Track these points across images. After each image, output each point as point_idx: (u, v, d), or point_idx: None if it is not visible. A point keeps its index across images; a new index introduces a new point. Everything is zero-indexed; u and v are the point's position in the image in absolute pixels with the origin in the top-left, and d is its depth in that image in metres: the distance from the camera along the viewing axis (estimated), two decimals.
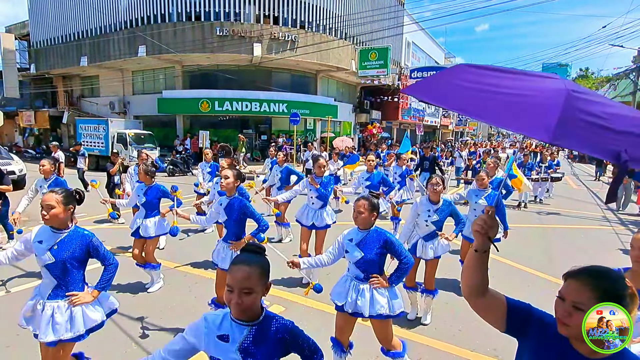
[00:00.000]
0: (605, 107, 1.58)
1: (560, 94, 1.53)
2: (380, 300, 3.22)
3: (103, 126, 20.94)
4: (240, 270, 1.68)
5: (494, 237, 1.64)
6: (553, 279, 6.17)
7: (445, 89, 1.71)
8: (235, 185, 4.21)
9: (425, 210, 4.61)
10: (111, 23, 24.01)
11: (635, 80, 29.19)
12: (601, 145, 1.46)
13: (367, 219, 3.22)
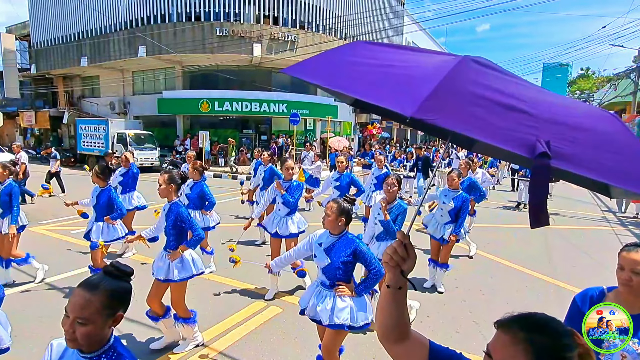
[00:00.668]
0: (527, 90, 1.28)
1: (450, 63, 1.22)
2: (342, 311, 3.02)
3: (103, 126, 20.98)
4: (78, 295, 1.47)
5: (409, 271, 1.26)
6: (552, 281, 6.18)
7: (329, 66, 1.46)
8: (170, 190, 3.86)
9: (377, 209, 4.61)
10: (111, 23, 24.06)
11: (636, 81, 29.17)
12: (506, 131, 1.09)
13: (333, 222, 3.07)
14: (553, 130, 1.12)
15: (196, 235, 3.90)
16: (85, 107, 29.69)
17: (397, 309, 1.29)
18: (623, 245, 2.12)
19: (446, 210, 5.59)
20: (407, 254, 1.25)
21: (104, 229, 5.24)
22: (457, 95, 1.12)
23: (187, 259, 3.94)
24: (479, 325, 4.68)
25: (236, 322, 4.59)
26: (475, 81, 1.18)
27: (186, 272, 3.89)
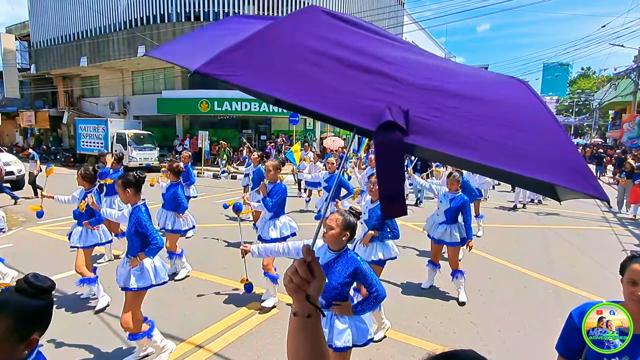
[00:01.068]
0: (398, 51, 1.04)
1: (290, 17, 0.99)
2: (343, 333, 2.77)
3: (102, 126, 20.98)
4: None
5: (316, 295, 1.03)
6: (551, 281, 6.15)
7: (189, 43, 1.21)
8: (128, 195, 3.66)
9: (364, 208, 4.52)
10: (111, 23, 24.10)
11: (636, 80, 29.15)
12: (346, 96, 0.85)
13: (336, 237, 2.76)
14: (421, 97, 0.87)
15: (154, 244, 3.67)
16: (85, 107, 29.73)
17: (310, 340, 1.05)
18: (629, 253, 1.98)
19: (442, 210, 5.53)
20: (312, 274, 0.99)
21: (83, 233, 5.04)
22: (281, 50, 0.88)
23: (147, 267, 3.73)
24: (477, 326, 4.65)
25: (232, 323, 4.57)
26: (317, 35, 0.94)
27: (144, 281, 3.70)
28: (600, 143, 39.72)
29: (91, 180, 5.12)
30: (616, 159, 20.68)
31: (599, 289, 5.82)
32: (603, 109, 47.66)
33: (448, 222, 5.46)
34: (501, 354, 4.07)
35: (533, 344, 4.29)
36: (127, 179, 3.69)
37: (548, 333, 4.52)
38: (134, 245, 3.73)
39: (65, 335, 4.19)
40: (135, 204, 3.72)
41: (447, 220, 5.46)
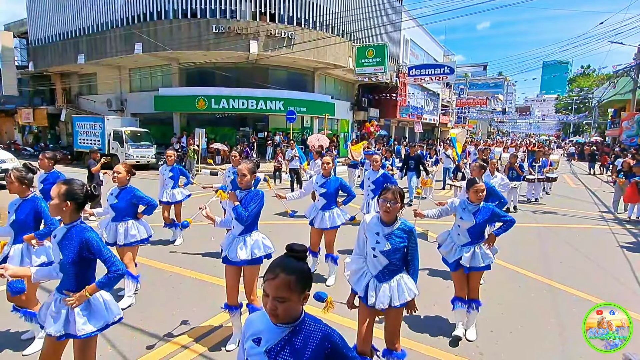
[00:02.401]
0: None
1: None
2: None
3: (99, 124, 20.93)
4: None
5: None
6: (546, 280, 6.09)
7: None
8: (65, 208, 2.74)
9: (374, 233, 3.26)
10: (108, 20, 23.97)
11: (635, 78, 29.08)
12: None
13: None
14: None
15: (114, 272, 2.77)
16: (82, 104, 29.67)
17: None
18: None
19: (464, 228, 4.34)
20: None
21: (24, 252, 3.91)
22: None
23: (97, 301, 2.85)
24: None
25: (222, 321, 4.52)
26: None
27: (97, 320, 2.83)
28: (598, 141, 39.68)
29: (29, 184, 3.98)
30: (615, 157, 20.74)
31: (595, 289, 5.77)
32: (602, 107, 47.62)
33: (474, 242, 4.32)
34: (492, 355, 4.02)
35: (526, 345, 4.24)
36: (74, 190, 2.78)
37: (541, 334, 4.48)
38: (74, 276, 2.79)
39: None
40: (73, 223, 2.80)
41: (474, 241, 4.31)
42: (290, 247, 1.73)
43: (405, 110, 35.25)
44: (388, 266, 3.24)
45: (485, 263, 4.30)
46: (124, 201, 4.92)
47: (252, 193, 3.98)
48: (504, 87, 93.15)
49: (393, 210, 3.16)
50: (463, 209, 4.36)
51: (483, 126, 74.93)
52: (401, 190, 3.26)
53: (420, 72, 30.02)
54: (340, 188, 5.81)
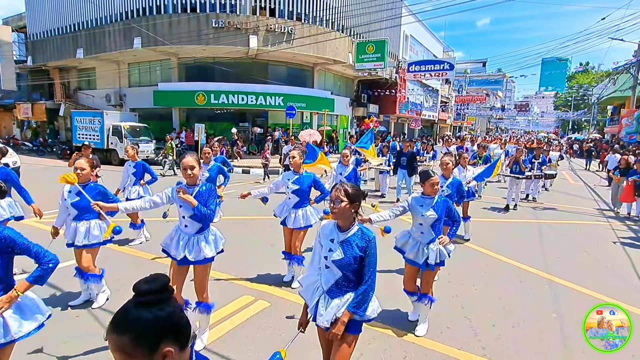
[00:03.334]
0: None
1: None
2: None
3: (98, 119, 20.85)
4: None
5: None
6: (546, 276, 6.10)
7: None
8: None
9: (328, 240, 2.79)
10: (107, 15, 23.85)
11: (635, 75, 29.08)
12: None
13: None
14: None
15: (47, 262, 2.63)
16: (81, 99, 29.57)
17: None
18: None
19: (428, 223, 4.16)
20: None
21: None
22: None
23: (27, 299, 2.70)
24: (471, 321, 4.61)
25: (222, 316, 4.51)
26: None
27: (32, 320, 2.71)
28: (597, 138, 39.72)
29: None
30: (606, 152, 20.87)
31: (595, 284, 5.78)
32: (601, 104, 47.64)
33: (435, 238, 4.22)
34: (495, 349, 4.02)
35: (527, 339, 4.25)
36: None
37: (543, 328, 4.49)
38: None
39: (55, 328, 4.13)
40: None
41: (437, 236, 4.21)
42: (136, 289, 1.22)
43: (405, 107, 35.25)
44: (341, 280, 2.73)
45: (442, 259, 4.22)
46: (85, 200, 4.31)
47: (207, 187, 3.78)
48: (503, 84, 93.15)
49: (339, 211, 2.66)
50: (421, 205, 4.18)
51: (482, 123, 74.95)
52: (353, 187, 2.73)
53: (420, 68, 29.98)
54: (314, 185, 5.42)
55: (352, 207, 2.69)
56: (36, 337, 3.92)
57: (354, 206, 2.70)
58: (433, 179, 4.10)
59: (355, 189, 2.72)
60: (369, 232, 2.72)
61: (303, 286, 2.99)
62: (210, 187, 3.80)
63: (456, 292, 5.38)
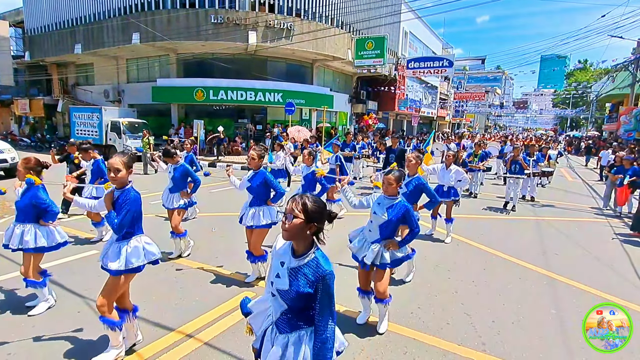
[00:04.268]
0: None
1: None
2: None
3: (97, 114, 20.78)
4: None
5: None
6: (545, 272, 6.12)
7: None
8: None
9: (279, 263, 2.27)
10: (105, 10, 23.77)
11: (634, 72, 29.11)
12: None
13: None
14: None
15: None
16: (79, 95, 29.50)
17: None
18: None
19: (376, 224, 4.07)
20: None
21: None
22: None
23: None
24: (471, 317, 4.62)
25: (223, 312, 4.52)
26: None
27: None
28: (595, 136, 39.81)
29: None
30: (598, 149, 21.02)
31: (594, 280, 5.81)
32: (600, 101, 47.70)
33: (383, 238, 4.08)
34: (495, 345, 4.04)
35: (527, 335, 4.27)
36: None
37: (542, 324, 4.51)
38: None
39: (57, 324, 4.14)
40: None
41: (384, 236, 4.07)
42: None
43: (404, 103, 35.23)
44: (287, 313, 2.22)
45: (389, 260, 4.03)
46: (24, 201, 4.27)
47: (128, 197, 3.37)
48: (502, 81, 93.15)
49: (290, 229, 2.09)
50: (378, 204, 4.10)
51: (480, 120, 75.00)
52: (316, 203, 2.15)
53: (419, 64, 29.92)
54: (266, 183, 5.13)
55: (309, 227, 2.10)
56: (40, 334, 3.93)
57: (311, 227, 2.11)
58: (387, 177, 3.98)
59: (317, 205, 2.13)
60: (326, 266, 2.11)
61: (253, 312, 2.56)
62: (131, 197, 3.36)
63: (456, 289, 5.40)
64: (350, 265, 5.56)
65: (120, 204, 3.35)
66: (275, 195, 5.27)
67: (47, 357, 3.62)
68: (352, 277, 4.77)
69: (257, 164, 5.13)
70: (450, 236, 7.62)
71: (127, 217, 3.34)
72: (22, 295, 4.77)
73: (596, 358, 3.69)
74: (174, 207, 6.15)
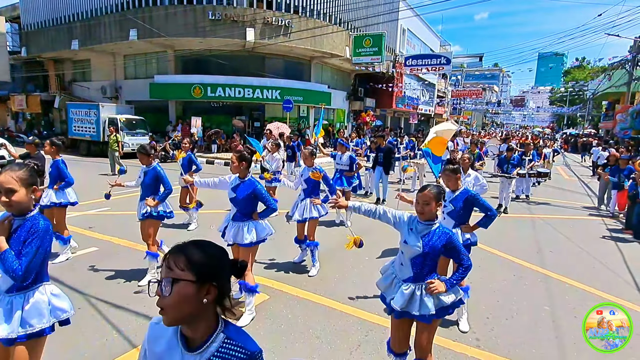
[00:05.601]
0: None
1: None
2: None
3: (94, 111, 20.74)
4: None
5: None
6: (540, 270, 6.21)
7: None
8: None
9: None
10: (102, 6, 23.68)
11: (631, 71, 29.18)
12: None
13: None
14: None
15: None
16: (76, 91, 29.35)
17: None
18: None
19: (407, 256, 2.97)
20: None
21: None
22: None
23: None
24: (466, 313, 4.68)
25: None
26: None
27: None
28: (591, 133, 39.98)
29: None
30: (589, 146, 21.23)
31: (587, 278, 5.90)
32: (596, 99, 47.85)
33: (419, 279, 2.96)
34: (489, 341, 4.11)
35: (521, 331, 4.34)
36: None
37: (536, 321, 4.59)
38: None
39: None
40: None
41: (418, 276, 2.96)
42: None
43: (401, 101, 35.25)
44: None
45: (433, 311, 2.86)
46: None
47: (31, 223, 2.36)
48: (499, 79, 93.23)
49: (172, 304, 1.28)
50: (410, 230, 2.97)
51: (478, 117, 75.07)
52: (209, 252, 1.35)
53: (417, 62, 29.97)
54: (255, 196, 4.35)
55: (200, 291, 1.29)
56: None
57: (209, 289, 1.31)
58: (422, 195, 2.91)
59: (209, 256, 1.34)
60: (251, 347, 1.40)
61: None
62: (40, 229, 2.35)
63: None
64: None
65: (19, 239, 2.33)
66: (265, 211, 4.41)
67: (47, 353, 3.67)
68: None
69: (241, 170, 4.35)
70: None
71: (37, 258, 2.33)
72: None
73: (587, 353, 3.78)
74: (141, 217, 5.20)
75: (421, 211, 2.89)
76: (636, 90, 30.15)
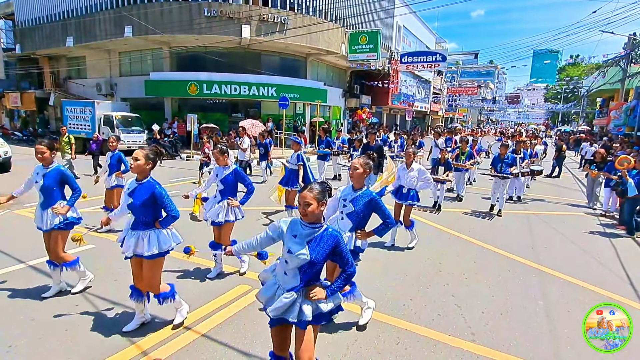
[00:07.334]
0: None
1: None
2: None
3: (89, 108, 20.68)
4: None
5: None
6: (534, 265, 6.28)
7: None
8: None
9: None
10: (97, 2, 23.52)
11: (625, 68, 29.35)
12: None
13: None
14: None
15: None
16: (71, 88, 29.21)
17: None
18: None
19: (293, 265, 2.79)
20: None
21: None
22: None
23: None
24: (461, 308, 4.75)
25: (219, 305, 4.61)
26: None
27: None
28: (585, 130, 40.21)
29: None
30: (603, 146, 21.30)
31: (581, 273, 5.98)
32: (591, 96, 48.08)
33: (301, 287, 2.82)
34: (484, 336, 4.17)
35: (515, 326, 4.40)
36: None
37: (530, 316, 4.65)
38: None
39: (55, 321, 4.21)
40: None
41: (302, 285, 2.80)
42: None
43: (397, 98, 35.32)
44: None
45: (310, 317, 2.74)
46: None
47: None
48: (494, 76, 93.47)
49: None
50: (293, 236, 2.76)
51: (473, 114, 75.26)
52: None
53: (413, 59, 30.05)
54: (155, 201, 3.85)
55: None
56: (39, 328, 4.00)
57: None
58: (303, 194, 2.72)
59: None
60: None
61: None
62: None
63: (447, 281, 5.53)
64: None
65: None
66: (167, 218, 3.95)
67: (47, 350, 3.70)
68: None
69: (140, 171, 3.80)
70: (416, 240, 7.01)
71: None
72: (23, 289, 4.83)
73: (580, 347, 3.85)
74: (51, 228, 4.57)
75: (303, 213, 2.68)
76: (630, 87, 30.31)
